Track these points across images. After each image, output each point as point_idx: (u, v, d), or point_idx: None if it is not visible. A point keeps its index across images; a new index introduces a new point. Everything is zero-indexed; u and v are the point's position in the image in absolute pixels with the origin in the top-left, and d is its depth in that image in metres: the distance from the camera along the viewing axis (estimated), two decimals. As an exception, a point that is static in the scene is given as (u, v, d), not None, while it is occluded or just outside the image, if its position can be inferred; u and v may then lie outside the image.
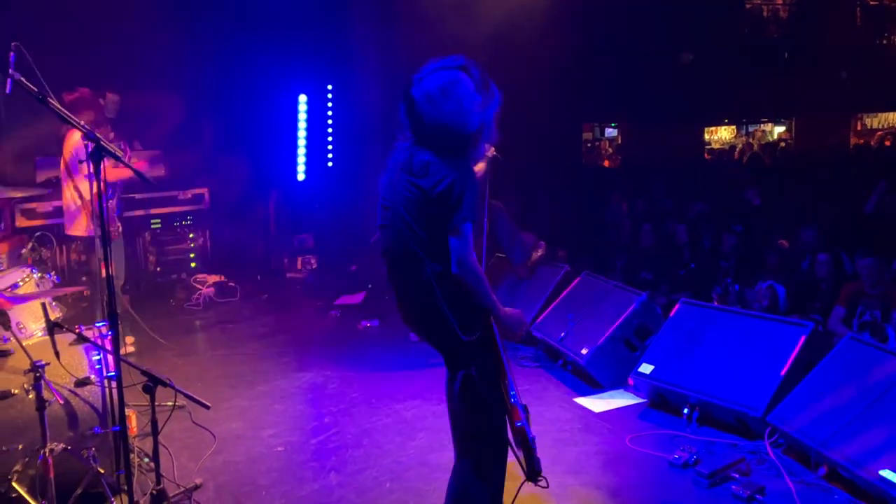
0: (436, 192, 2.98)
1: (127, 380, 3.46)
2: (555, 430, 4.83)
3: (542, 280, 6.89)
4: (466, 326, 3.05)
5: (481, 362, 3.13)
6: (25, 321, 4.24)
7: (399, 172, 3.14)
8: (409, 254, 3.09)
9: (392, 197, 3.15)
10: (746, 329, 5.02)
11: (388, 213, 3.17)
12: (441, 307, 3.05)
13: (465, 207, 2.96)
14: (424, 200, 3.02)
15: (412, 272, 3.10)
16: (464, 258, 2.97)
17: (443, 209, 2.98)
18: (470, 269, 2.98)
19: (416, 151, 3.11)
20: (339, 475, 4.26)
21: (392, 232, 3.16)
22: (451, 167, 3.01)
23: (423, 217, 3.04)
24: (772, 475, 4.12)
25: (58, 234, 6.45)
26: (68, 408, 3.78)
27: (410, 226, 3.07)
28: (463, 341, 3.05)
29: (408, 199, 3.06)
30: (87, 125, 4.15)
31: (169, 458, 4.38)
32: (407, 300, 3.22)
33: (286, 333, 7.18)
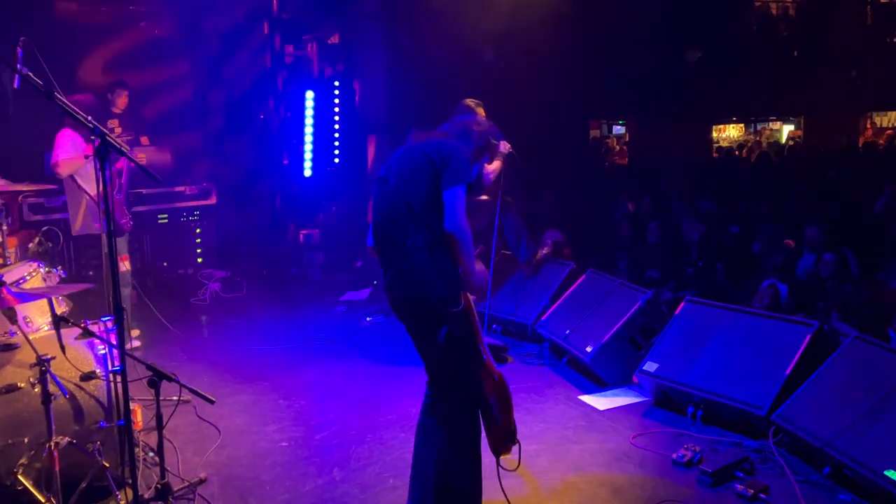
0: (439, 156, 3.35)
1: (132, 374, 3.48)
2: (559, 428, 4.83)
3: (547, 277, 6.89)
4: (452, 298, 3.30)
5: (463, 327, 3.36)
6: (32, 315, 4.26)
7: (403, 152, 3.51)
8: (401, 227, 3.36)
9: (389, 171, 3.49)
10: (752, 328, 5.01)
11: (383, 188, 3.49)
12: (430, 279, 3.30)
13: (463, 170, 3.34)
14: (425, 166, 3.35)
15: (402, 245, 3.36)
16: (458, 216, 3.29)
17: (441, 172, 3.32)
18: (462, 228, 3.29)
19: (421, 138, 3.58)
20: (343, 471, 4.27)
21: (385, 205, 3.45)
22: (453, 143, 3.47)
23: (422, 185, 3.34)
24: (776, 474, 4.11)
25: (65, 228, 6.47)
26: (74, 402, 3.80)
27: (406, 196, 3.37)
28: (448, 312, 3.30)
29: (410, 169, 3.41)
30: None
31: (174, 452, 4.40)
32: (396, 277, 3.42)
33: (291, 329, 7.20)
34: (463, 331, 3.34)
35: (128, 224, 6.16)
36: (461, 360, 3.37)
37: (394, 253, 3.40)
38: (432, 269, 3.30)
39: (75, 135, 5.98)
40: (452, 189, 3.30)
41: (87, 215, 6.00)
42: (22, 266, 4.56)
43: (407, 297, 3.41)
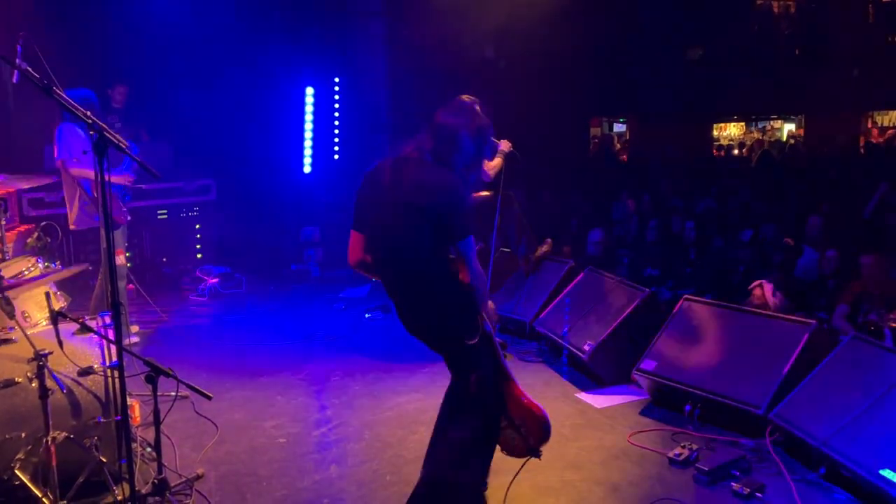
0: (433, 204, 3.15)
1: (130, 369, 3.48)
2: (556, 425, 4.76)
3: (546, 275, 6.89)
4: (469, 330, 3.25)
5: (487, 360, 3.35)
6: (30, 310, 4.26)
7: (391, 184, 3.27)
8: (407, 266, 3.26)
9: (382, 209, 3.28)
10: (750, 326, 5.02)
11: (375, 209, 3.33)
12: (444, 315, 3.27)
13: (467, 218, 3.18)
14: (417, 219, 3.17)
15: (412, 282, 3.28)
16: (475, 267, 3.21)
17: (442, 223, 3.15)
18: (480, 277, 3.23)
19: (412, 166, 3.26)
20: (340, 467, 4.28)
21: (381, 233, 3.32)
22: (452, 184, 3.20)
23: (415, 238, 3.19)
24: (772, 473, 4.12)
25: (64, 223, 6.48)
26: (71, 397, 3.80)
27: (402, 243, 3.24)
28: (467, 345, 3.24)
29: (401, 218, 3.21)
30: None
31: (171, 447, 4.41)
32: (406, 308, 3.38)
33: (290, 325, 7.21)
34: (485, 365, 3.33)
35: (122, 217, 6.15)
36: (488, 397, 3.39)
37: (397, 287, 3.36)
38: (443, 305, 3.27)
39: (75, 128, 5.97)
40: (464, 239, 3.17)
41: (81, 209, 5.99)
42: (20, 261, 4.56)
43: (420, 328, 3.39)
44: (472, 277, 3.20)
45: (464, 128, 3.28)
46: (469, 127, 3.30)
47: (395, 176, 3.26)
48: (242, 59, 9.00)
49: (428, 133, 3.32)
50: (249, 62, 9.07)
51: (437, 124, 3.31)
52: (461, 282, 3.22)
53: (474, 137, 3.32)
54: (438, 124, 3.30)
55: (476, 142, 3.33)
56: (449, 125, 3.29)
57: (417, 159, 3.26)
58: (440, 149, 3.27)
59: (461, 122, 3.29)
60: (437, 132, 3.30)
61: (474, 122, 3.32)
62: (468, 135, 3.29)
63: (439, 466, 3.40)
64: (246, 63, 9.02)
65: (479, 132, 3.33)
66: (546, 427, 3.48)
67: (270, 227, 9.31)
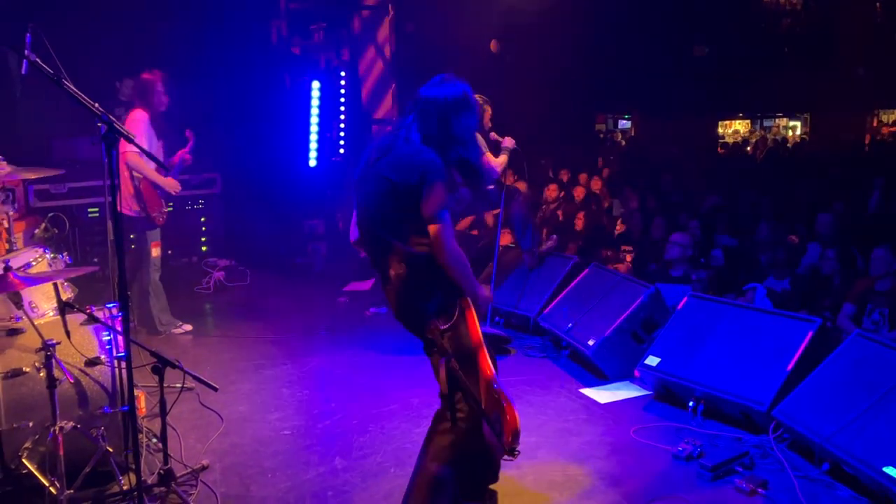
0: (404, 178, 3.11)
1: (136, 360, 3.50)
2: (559, 420, 4.85)
3: (550, 271, 6.91)
4: (442, 313, 3.17)
5: (458, 346, 3.22)
6: (38, 301, 4.28)
7: (375, 160, 3.25)
8: (384, 241, 3.21)
9: (366, 185, 3.27)
10: (754, 323, 5.02)
11: (361, 190, 3.30)
12: (417, 295, 3.20)
13: (444, 194, 3.09)
14: (389, 192, 3.14)
15: (387, 259, 3.24)
16: (450, 246, 3.10)
17: (413, 196, 3.10)
18: (457, 257, 3.12)
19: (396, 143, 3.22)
20: (345, 460, 4.30)
21: (364, 214, 3.30)
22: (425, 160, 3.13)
23: (390, 212, 3.17)
24: (775, 470, 4.12)
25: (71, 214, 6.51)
26: (78, 387, 3.82)
27: (378, 219, 3.21)
28: (440, 329, 3.16)
29: (375, 192, 3.20)
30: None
31: (177, 438, 4.43)
32: (386, 290, 3.35)
33: (295, 318, 7.23)
34: (459, 355, 3.19)
35: (159, 217, 6.22)
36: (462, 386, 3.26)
37: (379, 262, 3.32)
38: (416, 288, 3.20)
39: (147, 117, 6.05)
40: (437, 218, 3.08)
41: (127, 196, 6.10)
42: (28, 252, 4.58)
43: (398, 312, 3.35)
44: (446, 258, 3.09)
45: (444, 103, 3.23)
46: (452, 101, 3.24)
47: (379, 153, 3.26)
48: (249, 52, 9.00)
49: (414, 110, 3.29)
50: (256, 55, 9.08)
51: (420, 100, 3.27)
52: (436, 263, 3.13)
53: (458, 112, 3.24)
54: (421, 99, 3.27)
55: (460, 116, 3.25)
56: (431, 100, 3.24)
57: (403, 137, 3.25)
58: (424, 126, 3.24)
59: (443, 96, 3.24)
60: (420, 108, 3.26)
61: (457, 96, 3.25)
62: (451, 109, 3.23)
63: (423, 461, 3.40)
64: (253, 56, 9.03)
65: (462, 106, 3.25)
66: (516, 425, 3.37)
67: (275, 221, 9.32)
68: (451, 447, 3.32)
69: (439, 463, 3.31)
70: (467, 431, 3.33)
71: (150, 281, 6.34)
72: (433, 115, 3.22)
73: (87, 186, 7.60)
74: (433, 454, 3.33)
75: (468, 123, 3.28)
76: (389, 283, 3.31)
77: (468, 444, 3.36)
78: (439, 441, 3.33)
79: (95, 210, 7.79)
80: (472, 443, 3.36)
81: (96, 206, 7.77)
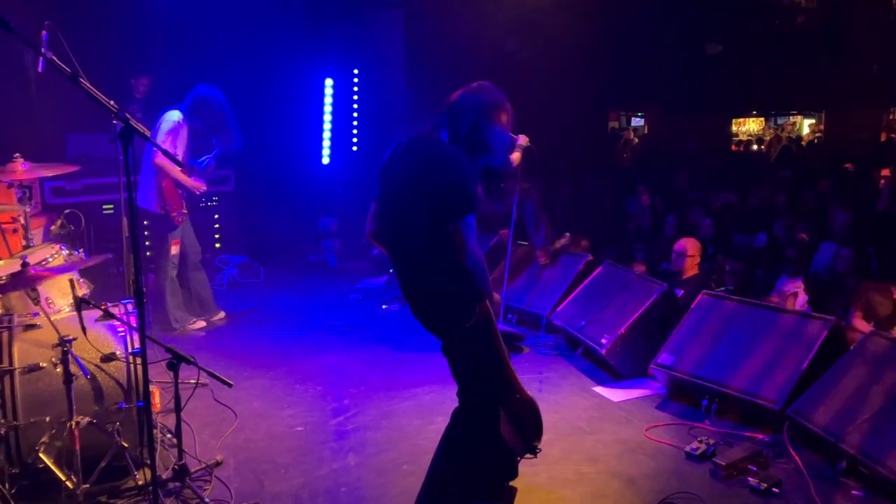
0: (433, 180, 3.11)
1: (151, 356, 3.52)
2: (572, 418, 4.85)
3: (563, 269, 6.90)
4: (462, 314, 3.17)
5: (482, 348, 3.25)
6: (54, 296, 4.32)
7: (403, 158, 3.27)
8: (407, 239, 3.23)
9: (391, 182, 3.29)
10: (768, 322, 5.00)
11: (385, 185, 3.32)
12: (438, 294, 3.22)
13: (468, 197, 3.09)
14: (419, 193, 3.15)
15: (408, 256, 3.26)
16: (473, 250, 3.11)
17: (441, 201, 3.09)
18: (478, 261, 3.13)
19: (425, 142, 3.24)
20: (358, 456, 4.31)
21: (387, 210, 3.33)
22: (456, 161, 3.14)
23: (418, 215, 3.16)
24: (789, 469, 4.11)
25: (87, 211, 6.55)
26: (94, 382, 3.85)
27: (403, 220, 3.22)
28: (460, 330, 3.18)
29: (408, 187, 3.20)
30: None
31: (191, 434, 4.46)
32: (406, 288, 3.37)
33: (308, 315, 7.25)
34: (479, 352, 3.23)
35: (179, 218, 6.30)
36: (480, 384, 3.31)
37: (399, 259, 3.34)
38: (438, 290, 3.22)
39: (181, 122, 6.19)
40: (462, 221, 3.08)
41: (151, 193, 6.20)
42: (45, 248, 4.62)
43: (416, 309, 3.37)
44: (467, 260, 3.10)
45: (478, 109, 3.26)
46: (485, 108, 3.27)
47: (408, 151, 3.29)
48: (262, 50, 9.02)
49: (445, 113, 3.32)
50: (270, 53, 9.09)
51: (452, 103, 3.31)
52: (459, 263, 3.13)
53: (491, 119, 3.28)
54: (453, 103, 3.30)
55: (493, 124, 3.29)
56: (464, 104, 3.28)
57: (432, 138, 3.29)
58: (454, 128, 3.27)
59: (477, 101, 3.27)
60: (452, 112, 3.30)
61: (491, 103, 3.29)
62: (484, 115, 3.26)
63: (439, 458, 3.40)
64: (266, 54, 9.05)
65: (495, 114, 3.29)
66: (539, 423, 3.38)
67: (288, 218, 9.36)
68: (467, 445, 3.32)
69: (456, 461, 3.31)
70: (485, 430, 3.34)
71: (167, 278, 6.40)
72: (465, 119, 3.24)
73: (102, 183, 7.65)
74: (449, 452, 3.34)
75: (500, 132, 3.31)
76: (409, 279, 3.32)
77: (485, 442, 3.37)
78: (456, 439, 3.34)
79: (110, 207, 7.83)
80: (490, 441, 3.37)
81: (111, 203, 7.81)
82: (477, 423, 3.34)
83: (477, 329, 3.19)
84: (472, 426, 3.35)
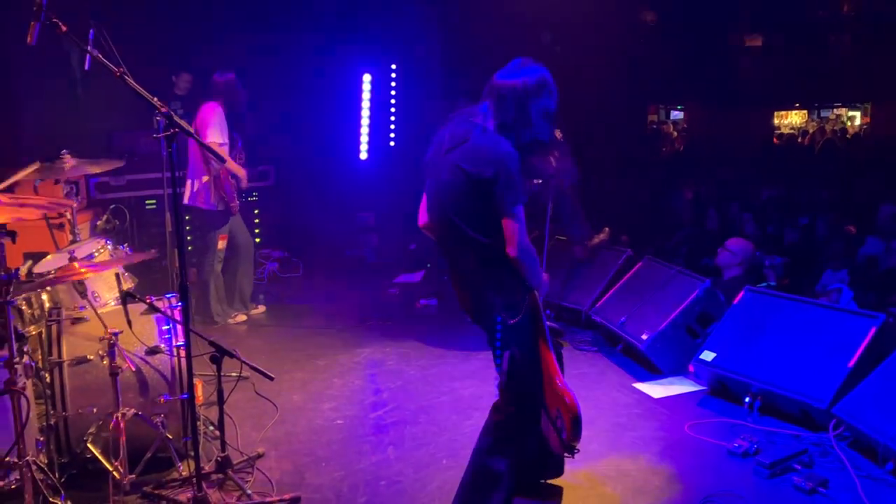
0: (478, 170, 3.03)
1: (194, 350, 3.57)
2: (612, 415, 4.81)
3: (603, 264, 6.84)
4: (510, 307, 3.14)
5: (526, 340, 3.21)
6: (100, 290, 4.39)
7: (449, 149, 3.19)
8: (456, 231, 3.16)
9: (439, 173, 3.22)
10: (813, 318, 4.90)
11: (432, 175, 3.27)
12: (485, 287, 3.18)
13: (516, 186, 3.02)
14: (464, 183, 3.08)
15: (458, 249, 3.22)
16: (520, 240, 3.05)
17: (488, 189, 3.02)
18: (528, 252, 3.08)
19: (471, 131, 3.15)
20: (397, 450, 4.33)
21: (435, 202, 3.27)
22: (502, 152, 3.05)
23: (463, 203, 3.11)
24: (836, 468, 4.03)
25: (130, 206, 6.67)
26: (139, 375, 3.92)
27: (449, 210, 3.16)
28: (507, 323, 3.14)
29: (448, 181, 3.14)
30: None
31: (233, 426, 4.51)
32: (454, 280, 3.35)
33: (346, 309, 7.30)
34: (524, 346, 3.20)
35: (236, 207, 6.45)
36: (522, 379, 3.25)
37: (449, 251, 3.31)
38: (487, 283, 3.17)
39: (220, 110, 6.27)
40: (511, 212, 3.01)
41: (202, 189, 6.33)
42: (91, 242, 4.71)
43: (464, 303, 3.35)
44: (518, 251, 3.04)
45: (525, 88, 3.14)
46: (531, 87, 3.16)
47: (453, 142, 3.20)
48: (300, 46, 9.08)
49: (490, 97, 3.21)
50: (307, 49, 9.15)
51: (497, 86, 3.19)
52: (507, 255, 3.07)
53: (537, 96, 3.16)
54: (497, 85, 3.19)
55: (540, 101, 3.17)
56: (508, 86, 3.16)
57: (479, 126, 3.17)
58: (500, 112, 3.16)
59: (521, 81, 3.15)
60: (497, 94, 3.18)
61: (535, 80, 3.18)
62: (530, 95, 3.14)
63: (478, 454, 3.39)
64: (304, 50, 9.11)
65: (540, 91, 3.18)
66: (579, 422, 3.32)
67: (327, 213, 9.41)
68: (507, 441, 3.31)
69: (495, 456, 3.30)
70: (524, 426, 3.33)
71: (211, 272, 6.49)
72: (510, 102, 3.13)
73: (145, 179, 7.76)
74: (489, 447, 3.32)
75: (546, 106, 3.19)
76: (458, 272, 3.30)
77: (525, 439, 3.35)
78: (496, 434, 3.32)
79: (153, 202, 7.95)
80: (529, 438, 3.36)
81: (153, 199, 7.93)
82: (517, 419, 3.32)
83: (524, 322, 3.16)
84: (512, 422, 3.33)
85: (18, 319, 4.08)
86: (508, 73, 3.21)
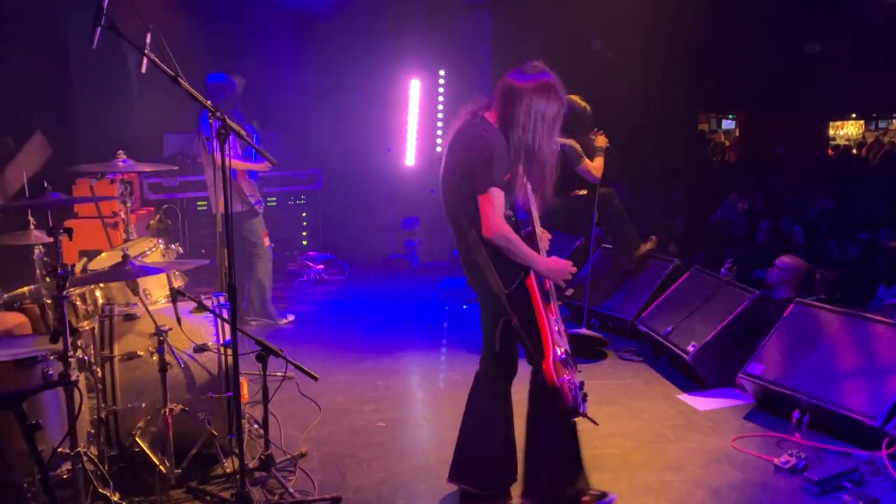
0: (461, 161, 3.33)
1: (241, 348, 3.63)
2: (657, 426, 4.75)
3: (649, 273, 6.75)
4: (505, 280, 3.32)
5: (521, 311, 3.37)
6: (151, 288, 4.50)
7: (452, 140, 3.47)
8: (456, 217, 3.43)
9: (443, 163, 3.52)
10: (866, 333, 4.77)
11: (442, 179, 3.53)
12: (479, 270, 3.38)
13: (487, 172, 3.23)
14: (455, 172, 3.38)
15: (459, 233, 3.46)
16: (491, 222, 3.24)
17: (472, 175, 3.27)
18: (498, 233, 3.25)
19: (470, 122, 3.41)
20: (438, 454, 4.33)
21: (443, 195, 3.54)
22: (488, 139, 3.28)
23: (455, 193, 3.40)
24: (888, 487, 3.91)
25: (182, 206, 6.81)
26: (187, 372, 4.00)
27: (449, 200, 3.46)
28: (502, 294, 3.33)
29: (453, 166, 3.42)
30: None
31: (277, 425, 4.56)
32: (461, 256, 3.58)
33: (390, 312, 7.34)
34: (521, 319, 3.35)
35: (259, 207, 6.55)
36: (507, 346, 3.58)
37: (456, 237, 3.54)
38: (478, 262, 3.37)
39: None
40: (484, 190, 3.23)
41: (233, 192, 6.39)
42: (144, 241, 4.82)
43: (468, 281, 3.62)
44: (491, 233, 3.23)
45: (527, 87, 3.32)
46: (533, 87, 3.32)
47: (457, 132, 3.45)
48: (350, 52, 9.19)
49: (497, 93, 3.42)
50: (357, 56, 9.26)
51: (504, 83, 3.39)
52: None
53: (539, 98, 3.31)
54: (505, 83, 3.39)
55: (539, 102, 3.31)
56: (513, 82, 3.36)
57: (478, 116, 3.40)
58: (502, 107, 3.37)
59: (526, 80, 3.34)
60: (502, 90, 3.39)
61: (540, 82, 3.34)
62: (531, 94, 3.30)
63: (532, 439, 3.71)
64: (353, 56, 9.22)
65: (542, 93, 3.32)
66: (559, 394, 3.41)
67: (372, 217, 9.51)
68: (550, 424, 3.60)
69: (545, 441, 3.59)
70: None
71: (264, 271, 6.59)
72: (513, 100, 3.31)
73: (197, 180, 7.93)
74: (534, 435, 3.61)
75: (545, 110, 3.32)
76: (459, 251, 3.54)
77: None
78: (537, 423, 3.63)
79: (203, 203, 8.11)
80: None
81: (204, 200, 8.09)
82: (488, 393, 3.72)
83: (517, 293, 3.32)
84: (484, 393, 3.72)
85: (73, 314, 4.20)
86: (519, 72, 3.40)
